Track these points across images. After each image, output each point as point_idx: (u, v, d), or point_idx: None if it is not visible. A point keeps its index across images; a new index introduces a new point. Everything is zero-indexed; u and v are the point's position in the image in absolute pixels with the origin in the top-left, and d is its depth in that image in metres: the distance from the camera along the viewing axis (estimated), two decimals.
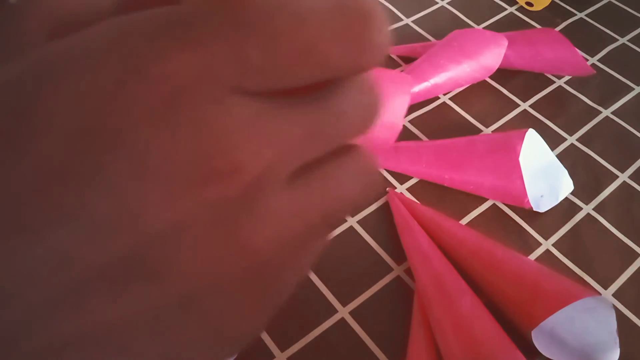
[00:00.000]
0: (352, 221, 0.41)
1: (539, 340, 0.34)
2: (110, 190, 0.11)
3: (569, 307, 0.34)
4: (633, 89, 0.53)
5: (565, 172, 0.43)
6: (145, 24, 0.11)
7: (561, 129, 0.49)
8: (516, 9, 0.60)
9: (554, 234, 0.42)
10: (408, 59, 0.53)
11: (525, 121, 0.49)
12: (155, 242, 0.11)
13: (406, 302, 0.37)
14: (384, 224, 0.41)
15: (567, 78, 0.53)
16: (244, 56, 0.11)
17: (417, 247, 0.38)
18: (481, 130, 0.48)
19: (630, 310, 0.38)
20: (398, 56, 0.54)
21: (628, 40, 0.58)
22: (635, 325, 0.37)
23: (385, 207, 0.42)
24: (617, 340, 0.34)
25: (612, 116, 0.50)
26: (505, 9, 0.60)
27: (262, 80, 0.12)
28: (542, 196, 0.42)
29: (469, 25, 0.58)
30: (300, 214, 0.13)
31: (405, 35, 0.56)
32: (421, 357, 0.34)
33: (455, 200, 0.43)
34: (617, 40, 0.58)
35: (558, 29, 0.58)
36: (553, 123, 0.49)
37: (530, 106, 0.51)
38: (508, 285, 0.35)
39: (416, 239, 0.39)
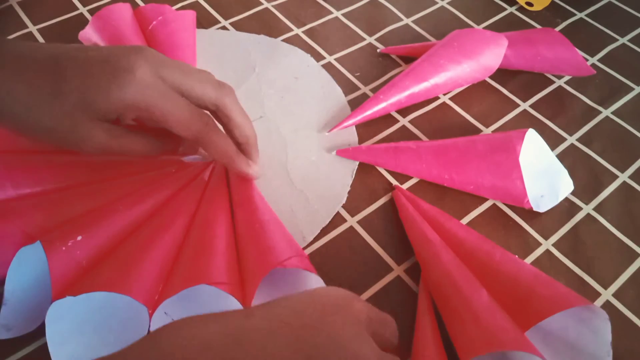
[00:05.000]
0: (352, 221, 0.41)
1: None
2: None
3: (563, 315, 0.34)
4: (633, 89, 0.53)
5: (565, 172, 0.43)
6: None
7: (561, 129, 0.49)
8: (516, 9, 0.60)
9: (554, 234, 0.42)
10: (408, 59, 0.53)
11: (525, 121, 0.49)
12: None
13: (406, 302, 0.37)
14: (384, 223, 0.41)
15: (567, 78, 0.53)
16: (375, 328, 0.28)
17: (426, 240, 0.38)
18: (481, 130, 0.48)
19: (630, 310, 0.38)
20: (398, 56, 0.54)
21: (628, 40, 0.58)
22: (635, 325, 0.37)
23: (386, 207, 0.42)
24: (611, 353, 0.33)
25: (612, 116, 0.50)
26: (505, 9, 0.60)
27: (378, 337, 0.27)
28: (542, 196, 0.42)
29: (469, 25, 0.58)
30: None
31: (405, 35, 0.56)
32: (428, 350, 0.33)
33: (455, 200, 0.43)
34: (617, 40, 0.58)
35: (558, 29, 0.58)
36: (553, 123, 0.49)
37: (530, 106, 0.51)
38: (503, 288, 0.35)
39: (424, 232, 0.39)
